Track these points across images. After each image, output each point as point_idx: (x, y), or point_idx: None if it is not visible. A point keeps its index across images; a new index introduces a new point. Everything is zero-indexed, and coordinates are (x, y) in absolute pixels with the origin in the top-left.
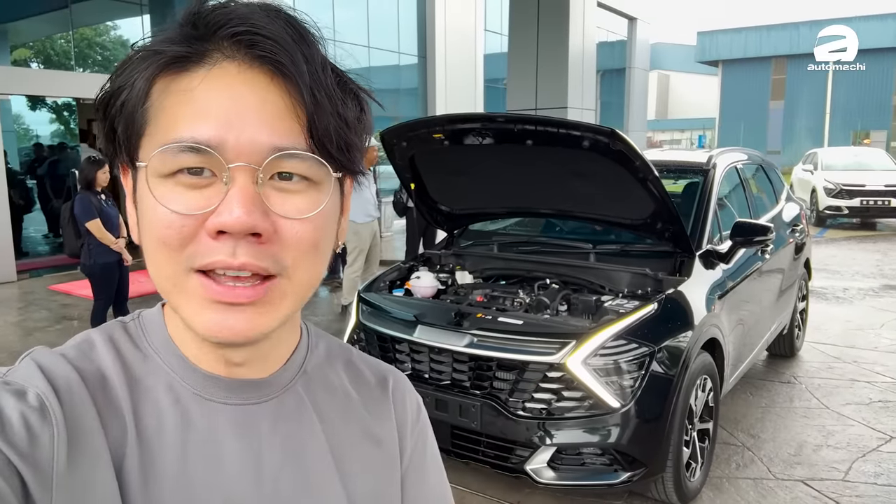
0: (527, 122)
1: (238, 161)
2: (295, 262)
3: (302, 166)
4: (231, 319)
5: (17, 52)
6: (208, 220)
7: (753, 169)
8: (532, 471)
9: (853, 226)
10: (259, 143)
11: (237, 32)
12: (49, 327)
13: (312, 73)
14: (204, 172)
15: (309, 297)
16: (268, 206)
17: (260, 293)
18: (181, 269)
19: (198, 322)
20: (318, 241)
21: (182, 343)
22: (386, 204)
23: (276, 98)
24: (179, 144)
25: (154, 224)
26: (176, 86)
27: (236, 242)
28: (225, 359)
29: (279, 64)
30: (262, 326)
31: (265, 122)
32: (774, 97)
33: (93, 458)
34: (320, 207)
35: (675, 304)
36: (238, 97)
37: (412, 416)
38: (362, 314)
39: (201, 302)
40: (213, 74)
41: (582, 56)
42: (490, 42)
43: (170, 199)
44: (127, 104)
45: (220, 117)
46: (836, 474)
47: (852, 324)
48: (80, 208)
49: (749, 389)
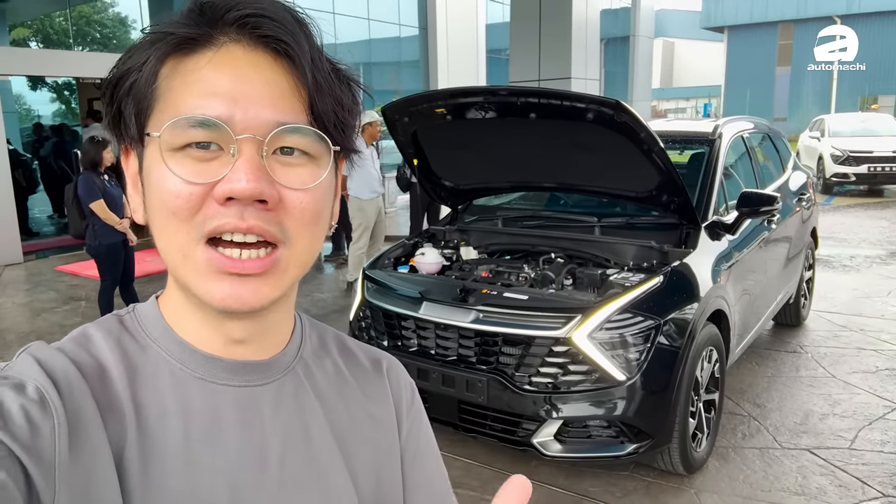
0: (530, 94)
1: (245, 133)
2: (297, 232)
3: (303, 141)
4: (238, 290)
5: (16, 32)
6: (217, 187)
7: (760, 138)
8: (539, 444)
9: (860, 193)
10: (264, 119)
11: (243, 16)
12: (57, 308)
13: (313, 56)
14: (211, 147)
15: (307, 270)
16: (273, 177)
17: (267, 264)
18: (191, 238)
19: (207, 292)
20: (318, 212)
21: (181, 328)
22: (389, 179)
23: (280, 78)
24: (191, 118)
25: (164, 194)
26: (184, 67)
27: (244, 208)
28: (226, 336)
29: (283, 44)
30: (268, 295)
31: (269, 99)
32: (781, 63)
33: (93, 449)
34: (321, 178)
35: (681, 276)
36: (244, 77)
37: (407, 397)
38: (367, 291)
39: (210, 273)
40: (220, 55)
41: (585, 24)
42: (492, 11)
43: (180, 169)
44: (136, 85)
45: (227, 95)
46: (842, 443)
47: (859, 292)
48: (84, 189)
49: (755, 359)
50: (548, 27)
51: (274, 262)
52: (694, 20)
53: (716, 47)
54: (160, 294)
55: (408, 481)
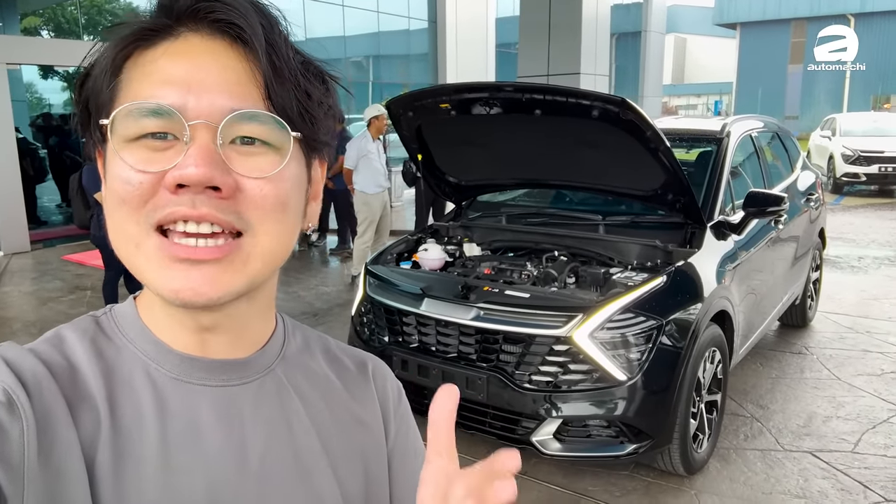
0: (535, 91)
1: (198, 120)
2: (260, 221)
3: (261, 129)
4: (193, 278)
5: (27, 21)
6: (167, 174)
7: (769, 137)
8: (538, 442)
9: (871, 193)
10: (218, 106)
11: (197, 2)
12: (62, 297)
13: (270, 41)
14: (168, 137)
15: (278, 265)
16: (229, 165)
17: (224, 251)
18: (142, 228)
19: (160, 283)
20: (283, 202)
21: (157, 328)
22: (396, 174)
23: (236, 63)
24: (142, 106)
25: (115, 182)
26: (142, 59)
27: (195, 196)
28: (198, 326)
29: (236, 27)
30: (226, 286)
31: (224, 86)
32: (793, 61)
33: (63, 451)
34: (280, 166)
35: (685, 276)
36: (199, 64)
37: (394, 398)
38: (369, 286)
39: (161, 261)
40: (177, 45)
41: (596, 19)
42: (502, 5)
43: (132, 158)
44: (97, 80)
45: (181, 83)
46: (845, 446)
47: (866, 293)
48: (89, 179)
49: (759, 360)
50: (558, 22)
51: (233, 249)
52: (706, 16)
53: (728, 44)
54: (138, 294)
55: (395, 483)
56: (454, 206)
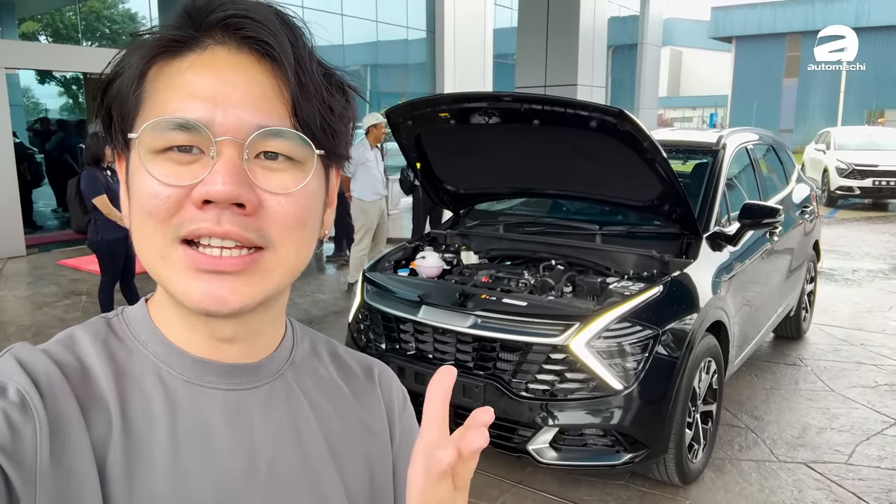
0: (533, 101)
1: (225, 136)
2: (281, 237)
3: (286, 145)
4: (216, 288)
5: (25, 26)
6: (194, 190)
7: (764, 149)
8: (534, 451)
9: (865, 206)
10: (245, 122)
11: (226, 16)
12: (58, 302)
13: (298, 57)
14: (193, 150)
15: (296, 276)
16: (253, 181)
17: (246, 263)
18: (167, 239)
19: (184, 292)
20: (303, 218)
21: (169, 331)
22: (393, 182)
23: (263, 79)
24: (170, 120)
25: (142, 195)
26: (168, 69)
27: (221, 212)
28: (213, 336)
29: (265, 45)
30: (247, 297)
31: (251, 102)
32: (788, 74)
33: (75, 452)
34: (303, 183)
35: (681, 286)
36: (226, 79)
37: (399, 403)
38: (367, 294)
39: (187, 272)
40: (203, 58)
41: (593, 31)
42: (500, 16)
43: (159, 172)
44: (122, 88)
45: (208, 97)
46: (839, 457)
47: (860, 306)
48: (87, 184)
49: (754, 371)
50: (555, 33)
51: (254, 262)
52: (702, 30)
53: (723, 57)
54: (150, 297)
55: (399, 488)
56: (452, 215)
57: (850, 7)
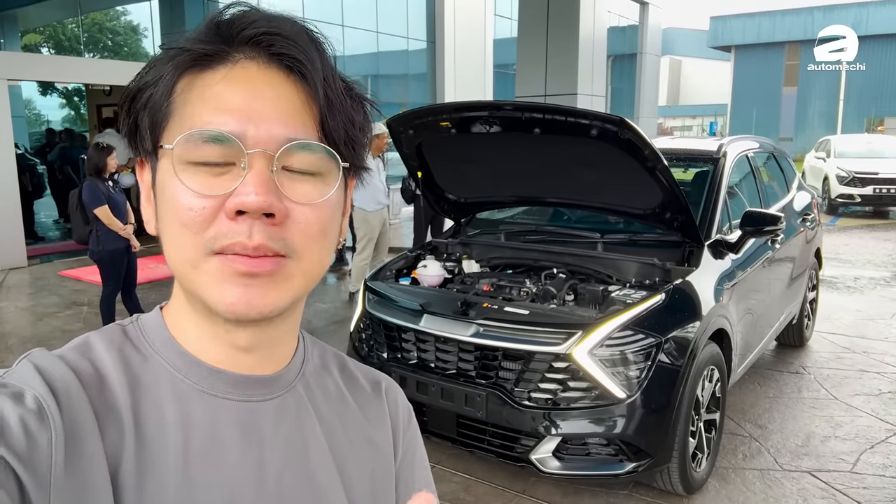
0: (534, 110)
1: (256, 148)
2: (303, 246)
3: (312, 157)
4: (249, 292)
5: (28, 38)
6: (227, 201)
7: (765, 157)
8: (537, 460)
9: (865, 214)
10: (275, 135)
11: (258, 34)
12: (59, 313)
13: (325, 74)
14: (223, 163)
15: (315, 283)
16: (282, 191)
17: (276, 264)
18: (201, 251)
19: (218, 296)
20: (325, 227)
21: (185, 339)
22: (395, 191)
23: (292, 94)
24: (204, 132)
25: (176, 207)
26: (199, 82)
27: (252, 223)
28: (233, 345)
29: (295, 61)
30: (276, 301)
31: (281, 116)
32: (787, 83)
33: (89, 461)
34: (329, 195)
35: (683, 294)
36: (257, 93)
37: (404, 420)
38: (369, 303)
39: (222, 276)
40: (235, 72)
41: (592, 41)
42: (500, 27)
43: (192, 182)
44: (152, 99)
45: (240, 111)
46: (843, 466)
47: (863, 314)
48: (89, 195)
49: (757, 379)
50: (555, 43)
51: (281, 267)
52: (701, 39)
53: (723, 66)
54: (164, 305)
55: (400, 498)
56: (453, 224)
57: (849, 15)
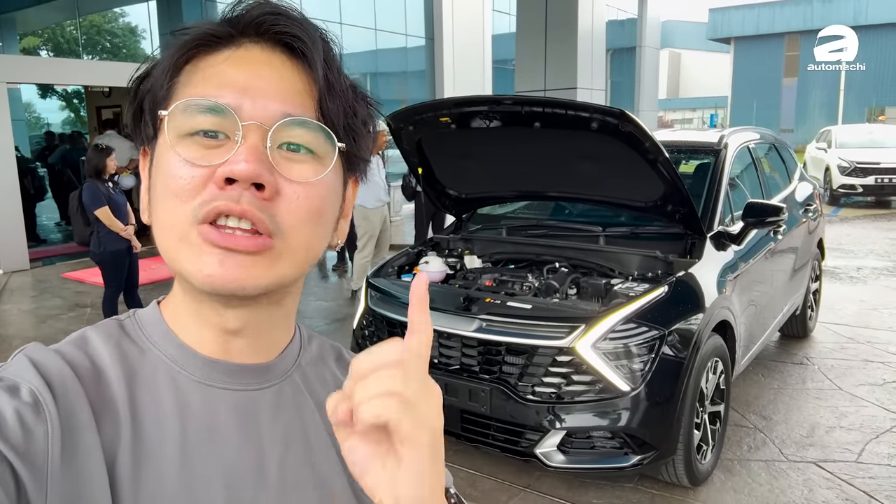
0: (534, 104)
1: (251, 121)
2: (292, 226)
3: (309, 136)
4: (225, 265)
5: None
6: (218, 169)
7: (766, 148)
8: (542, 454)
9: (867, 204)
10: (271, 110)
11: (262, 13)
12: (62, 315)
13: (328, 58)
14: (219, 136)
15: (304, 270)
16: (274, 167)
17: (258, 245)
18: (188, 220)
19: (195, 268)
20: (318, 210)
21: (181, 331)
22: (395, 188)
23: (292, 75)
24: (200, 102)
25: (168, 179)
26: (203, 63)
27: (241, 192)
28: (222, 328)
29: (297, 40)
30: (255, 278)
31: (279, 93)
32: (788, 74)
33: (86, 453)
34: (322, 175)
35: (686, 286)
36: (258, 72)
37: None
38: (371, 299)
39: (201, 247)
40: (238, 53)
41: (591, 35)
42: (498, 22)
43: (186, 152)
44: (156, 79)
45: (239, 87)
46: (848, 456)
47: (866, 304)
48: (89, 196)
49: (761, 371)
50: (554, 38)
51: (266, 247)
52: (700, 31)
53: (722, 58)
54: (162, 299)
55: None
56: (454, 219)
57: (849, 6)
